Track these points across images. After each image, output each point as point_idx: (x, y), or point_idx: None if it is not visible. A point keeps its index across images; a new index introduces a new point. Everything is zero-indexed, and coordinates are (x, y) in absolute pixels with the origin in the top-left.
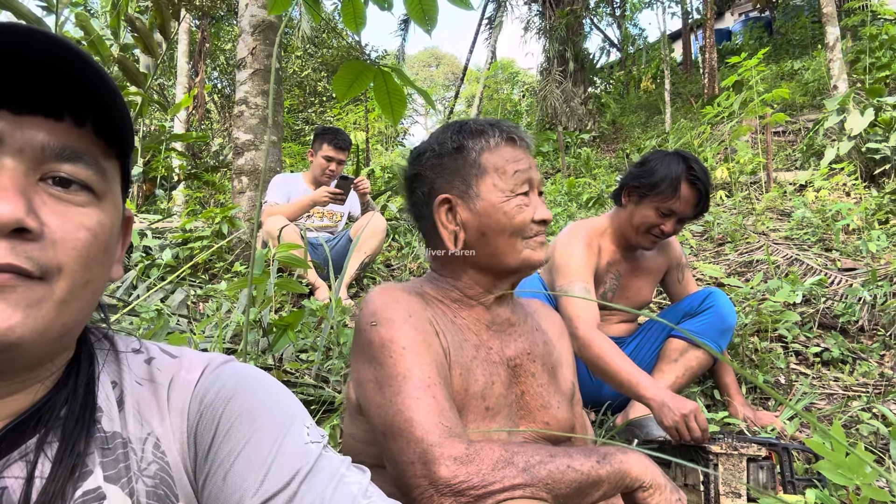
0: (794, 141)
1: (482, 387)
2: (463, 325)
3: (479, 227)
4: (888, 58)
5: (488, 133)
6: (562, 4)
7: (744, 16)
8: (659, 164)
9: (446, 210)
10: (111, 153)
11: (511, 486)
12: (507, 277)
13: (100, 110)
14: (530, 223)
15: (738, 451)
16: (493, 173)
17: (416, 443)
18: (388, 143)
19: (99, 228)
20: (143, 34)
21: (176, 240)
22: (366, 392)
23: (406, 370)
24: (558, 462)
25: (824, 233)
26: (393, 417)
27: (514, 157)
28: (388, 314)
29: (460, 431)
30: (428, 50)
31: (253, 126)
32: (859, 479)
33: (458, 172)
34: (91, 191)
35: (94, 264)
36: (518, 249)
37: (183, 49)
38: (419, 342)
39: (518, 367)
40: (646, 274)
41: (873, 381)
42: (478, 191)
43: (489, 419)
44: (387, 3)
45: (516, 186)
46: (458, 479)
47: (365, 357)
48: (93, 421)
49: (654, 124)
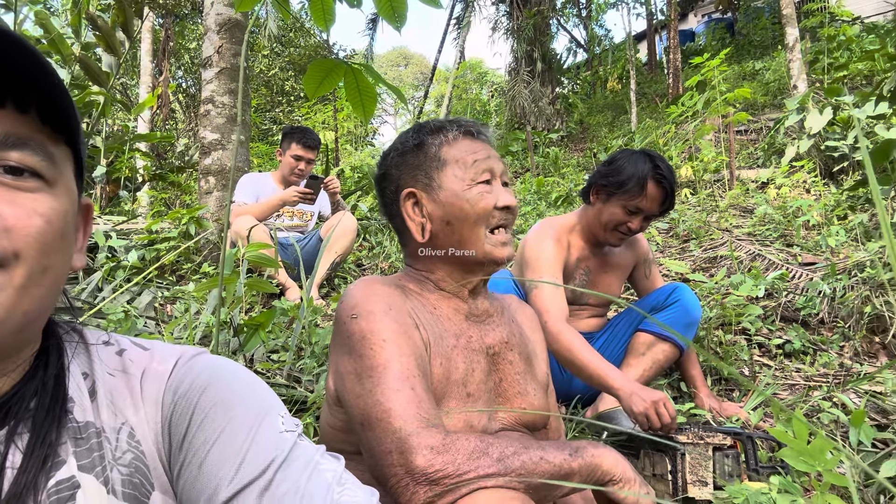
0: (755, 139)
1: (463, 374)
2: (443, 315)
3: (443, 216)
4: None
5: (446, 128)
6: (529, 5)
7: (707, 17)
8: (626, 163)
9: (412, 203)
10: (59, 139)
11: (485, 476)
12: (474, 269)
13: (43, 96)
14: (493, 209)
15: (704, 441)
16: (453, 164)
17: (393, 432)
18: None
19: (52, 214)
20: (105, 32)
21: (142, 241)
22: (345, 383)
23: (386, 362)
24: (532, 454)
25: (785, 229)
26: (372, 408)
27: (472, 148)
28: (369, 307)
29: (438, 422)
30: (396, 49)
31: (220, 125)
32: (821, 466)
33: (421, 167)
34: (41, 177)
35: (51, 250)
36: (482, 239)
37: (146, 48)
38: (399, 334)
39: (496, 355)
40: (614, 270)
41: (833, 372)
42: (440, 182)
43: (470, 405)
44: (356, 1)
45: (477, 175)
46: (433, 468)
47: (345, 349)
48: (64, 411)
49: (620, 124)
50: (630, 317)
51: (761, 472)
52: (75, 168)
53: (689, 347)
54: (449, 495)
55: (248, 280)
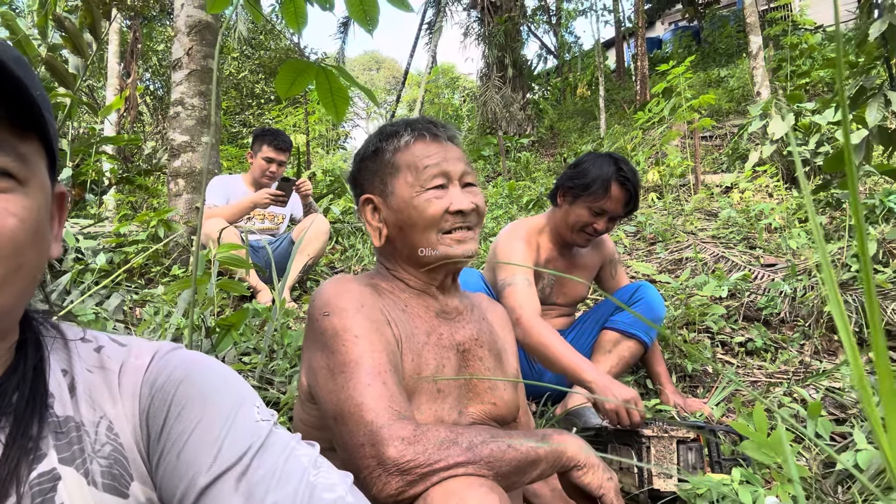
0: (720, 145)
1: (433, 370)
2: (414, 313)
3: (396, 222)
4: (808, 66)
5: (401, 133)
6: (500, 11)
7: (673, 25)
8: (591, 166)
9: (371, 209)
10: (30, 135)
11: (455, 464)
12: (434, 271)
13: (9, 97)
14: (444, 215)
15: (668, 434)
16: (405, 170)
17: (365, 425)
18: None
19: (25, 213)
20: (73, 34)
21: (110, 244)
22: (318, 379)
23: (358, 357)
24: (500, 442)
25: (748, 231)
26: (344, 403)
27: (425, 153)
28: (341, 304)
29: (409, 415)
30: (368, 53)
31: (189, 127)
32: (780, 458)
33: (378, 173)
34: (12, 177)
35: (25, 249)
36: (433, 243)
37: (114, 50)
38: (371, 331)
39: (467, 351)
40: (582, 270)
41: (794, 369)
42: (392, 188)
43: (440, 400)
44: (328, 4)
45: (427, 181)
46: (405, 458)
47: (318, 345)
48: (45, 405)
49: (589, 129)
50: (596, 315)
51: (724, 465)
52: (48, 160)
53: (654, 346)
54: (420, 484)
55: (219, 281)
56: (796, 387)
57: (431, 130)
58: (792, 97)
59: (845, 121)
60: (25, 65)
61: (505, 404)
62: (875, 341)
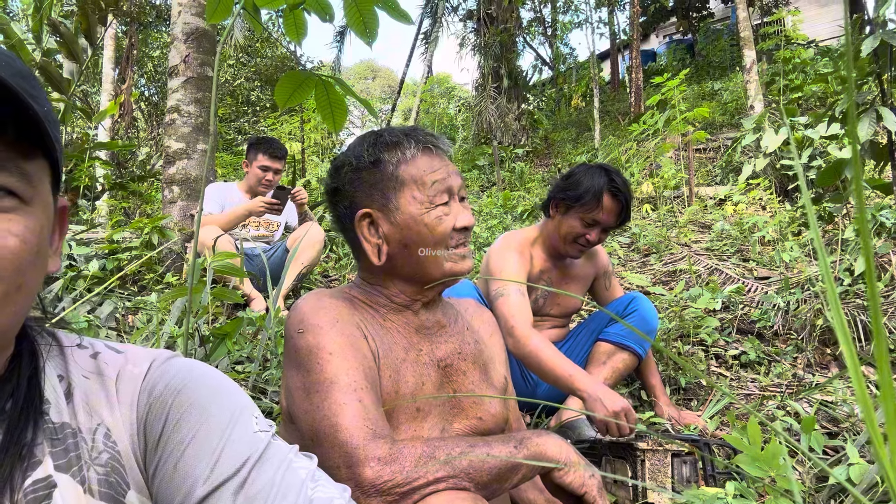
0: (714, 158)
1: (412, 388)
2: (392, 328)
3: (401, 239)
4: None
5: (404, 144)
6: (496, 23)
7: (668, 38)
8: (583, 177)
9: (368, 224)
10: (35, 153)
11: (434, 480)
12: (432, 288)
13: (17, 114)
14: (452, 232)
15: (663, 448)
16: (411, 185)
17: (340, 446)
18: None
19: (27, 233)
20: (68, 39)
21: (103, 251)
22: (294, 399)
23: (333, 375)
24: (477, 451)
25: (742, 244)
26: (319, 423)
27: (430, 167)
28: (315, 320)
29: (386, 433)
30: (364, 63)
31: (185, 134)
32: (774, 471)
33: (377, 186)
34: (17, 196)
35: (25, 268)
36: (441, 260)
37: (109, 55)
38: (346, 347)
39: (449, 367)
40: (575, 281)
41: (787, 382)
42: (397, 204)
43: (420, 420)
44: (328, 16)
45: (435, 197)
46: (382, 478)
47: (293, 364)
48: (39, 412)
49: (584, 140)
50: (590, 327)
51: (718, 478)
52: (52, 176)
53: (648, 358)
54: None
55: (213, 290)
56: (789, 400)
57: (434, 143)
58: (786, 111)
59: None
60: (31, 78)
61: (492, 417)
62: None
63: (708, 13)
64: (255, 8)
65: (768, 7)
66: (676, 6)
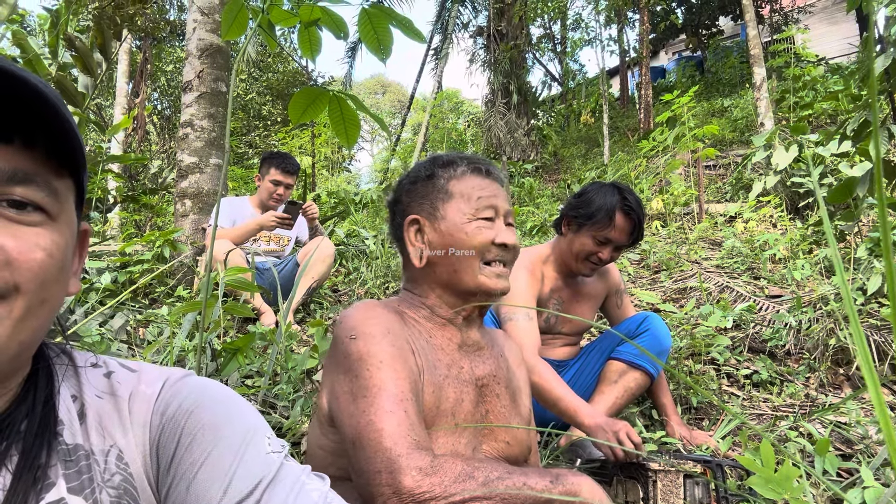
0: (724, 175)
1: (452, 404)
2: (437, 345)
3: (442, 244)
4: (811, 97)
5: (457, 163)
6: (506, 39)
7: (677, 55)
8: (595, 195)
9: (415, 230)
10: (63, 172)
11: (470, 499)
12: (466, 298)
13: (49, 131)
14: (490, 245)
15: (675, 468)
16: (458, 198)
17: (383, 452)
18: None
19: (54, 248)
20: (83, 54)
21: (115, 263)
22: (339, 402)
23: (381, 383)
24: (515, 479)
25: (753, 262)
26: (364, 427)
27: (479, 185)
28: (368, 329)
29: (427, 445)
30: (374, 78)
31: (198, 149)
32: (787, 493)
33: (428, 196)
34: (44, 211)
35: (50, 283)
36: (475, 271)
37: (123, 69)
38: (396, 358)
39: (485, 387)
40: (587, 299)
41: (799, 402)
42: (444, 213)
43: (457, 435)
44: (343, 33)
45: (479, 211)
46: (421, 489)
47: (341, 368)
48: (54, 434)
49: (593, 156)
50: (602, 345)
51: (730, 500)
52: (77, 196)
53: (660, 376)
54: None
55: (225, 304)
56: (802, 421)
57: (486, 166)
58: (796, 128)
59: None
60: (64, 103)
61: (518, 444)
62: None
63: (717, 30)
64: (271, 25)
65: (778, 25)
66: (686, 23)
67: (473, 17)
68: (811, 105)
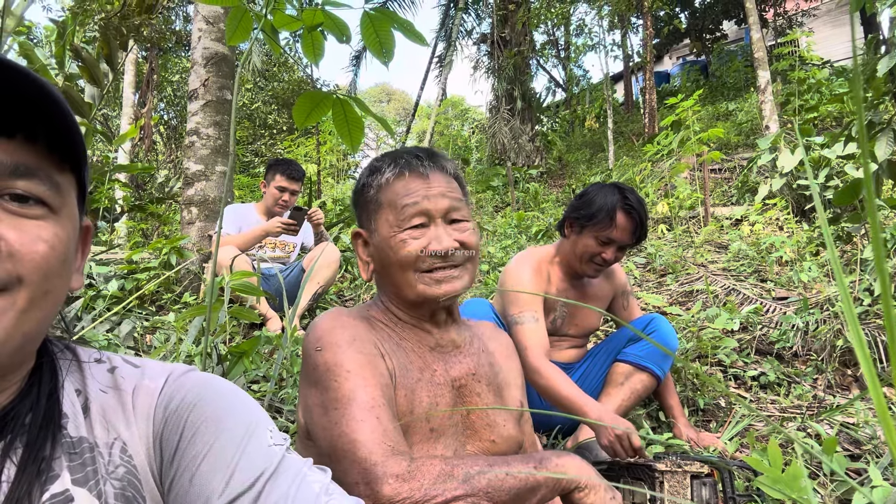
0: (729, 178)
1: (426, 408)
2: (408, 347)
3: (378, 259)
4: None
5: (382, 169)
6: (510, 45)
7: (681, 59)
8: (596, 196)
9: (361, 243)
10: (65, 167)
11: (453, 498)
12: (418, 308)
13: (50, 125)
14: (420, 255)
15: (682, 469)
16: (386, 208)
17: (359, 463)
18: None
19: (56, 240)
20: (89, 64)
21: (122, 271)
22: (312, 416)
23: (350, 393)
24: (497, 470)
25: (759, 264)
26: (338, 439)
27: (406, 190)
28: (333, 339)
29: (403, 450)
30: (379, 86)
31: (204, 157)
32: (795, 494)
33: (365, 208)
34: (46, 205)
35: (53, 275)
36: (412, 283)
37: (129, 80)
38: (364, 365)
39: (463, 387)
40: (593, 301)
41: (807, 403)
42: (375, 226)
43: (433, 440)
44: (345, 37)
45: (404, 221)
46: (400, 496)
47: (311, 381)
48: (58, 427)
49: (598, 161)
50: (608, 347)
51: (738, 501)
52: (78, 192)
53: (667, 378)
54: None
55: (231, 309)
56: (810, 421)
57: (413, 165)
58: (801, 131)
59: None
60: (64, 99)
61: (505, 441)
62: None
63: (721, 35)
64: (274, 30)
65: (782, 28)
66: (690, 28)
67: (477, 24)
68: (816, 108)
